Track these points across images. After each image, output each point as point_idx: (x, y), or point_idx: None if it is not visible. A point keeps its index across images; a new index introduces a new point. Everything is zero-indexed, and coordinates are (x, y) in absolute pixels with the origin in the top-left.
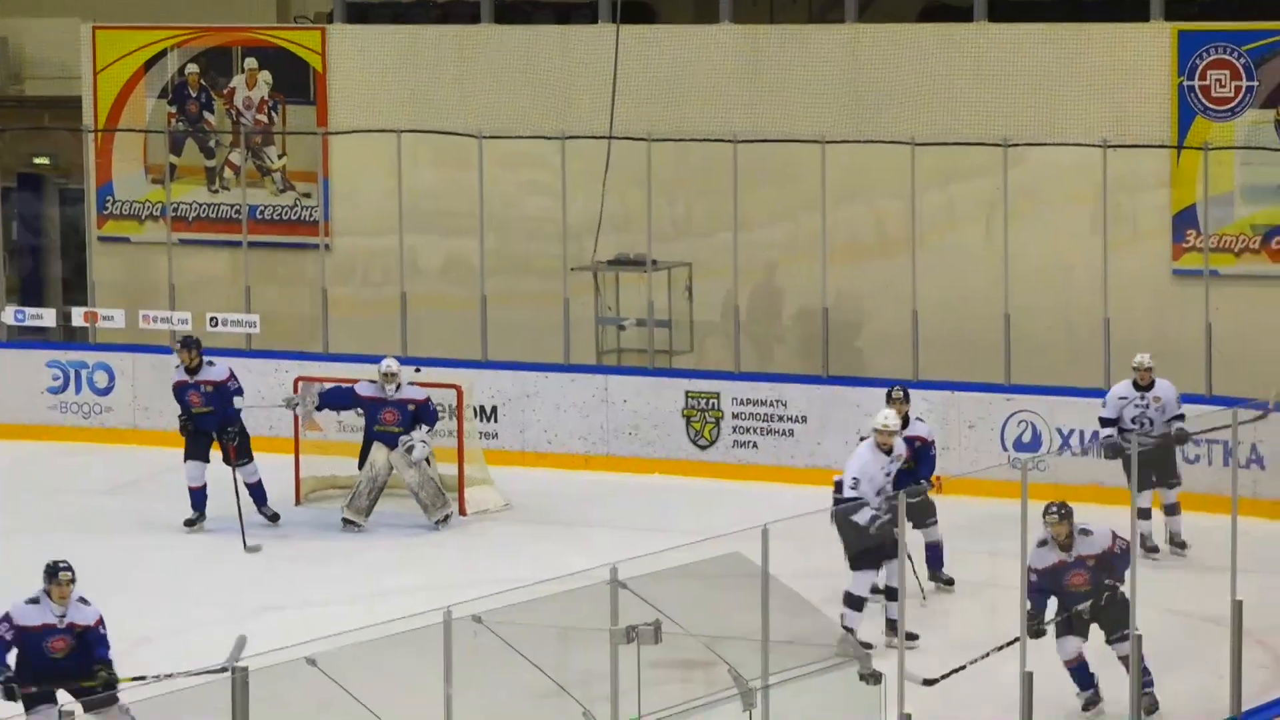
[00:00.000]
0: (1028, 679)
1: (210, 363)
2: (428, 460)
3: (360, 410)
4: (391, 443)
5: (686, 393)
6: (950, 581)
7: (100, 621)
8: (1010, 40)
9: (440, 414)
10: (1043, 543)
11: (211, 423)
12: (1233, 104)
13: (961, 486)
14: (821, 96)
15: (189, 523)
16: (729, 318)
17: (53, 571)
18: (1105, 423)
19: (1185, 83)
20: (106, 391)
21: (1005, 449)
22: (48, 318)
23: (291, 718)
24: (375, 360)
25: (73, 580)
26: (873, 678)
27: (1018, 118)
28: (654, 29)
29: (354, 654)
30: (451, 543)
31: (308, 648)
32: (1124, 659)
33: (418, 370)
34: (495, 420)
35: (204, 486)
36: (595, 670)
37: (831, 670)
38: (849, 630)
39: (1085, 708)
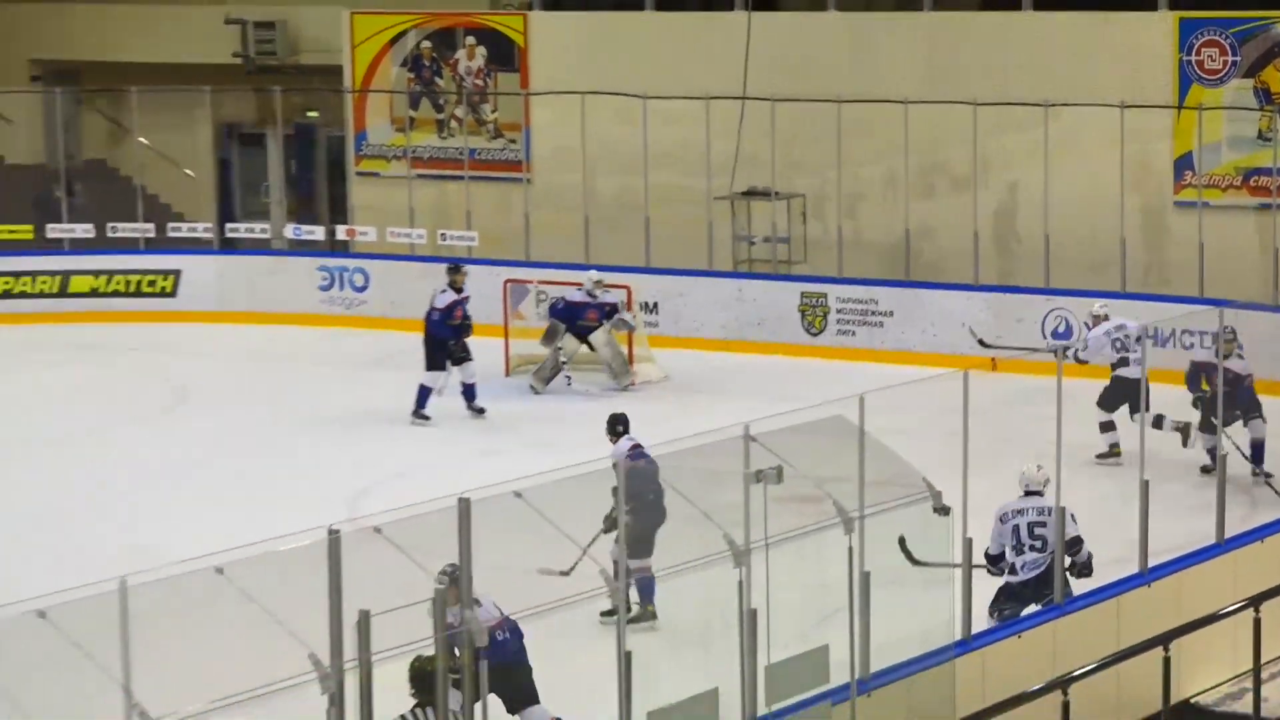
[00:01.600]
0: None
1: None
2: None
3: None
4: (586, 333)
5: (801, 293)
6: (1270, 475)
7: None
8: (1052, 24)
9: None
10: None
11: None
12: (1221, 74)
13: (1012, 366)
14: (905, 67)
15: (426, 418)
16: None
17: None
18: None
19: (1184, 58)
20: (363, 289)
21: (1045, 337)
22: (318, 233)
23: (504, 538)
24: (567, 267)
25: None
26: (943, 510)
27: (1056, 84)
28: (777, 15)
29: (551, 489)
30: (623, 405)
31: (515, 484)
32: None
33: (599, 275)
34: (657, 313)
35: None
36: (732, 503)
37: (912, 504)
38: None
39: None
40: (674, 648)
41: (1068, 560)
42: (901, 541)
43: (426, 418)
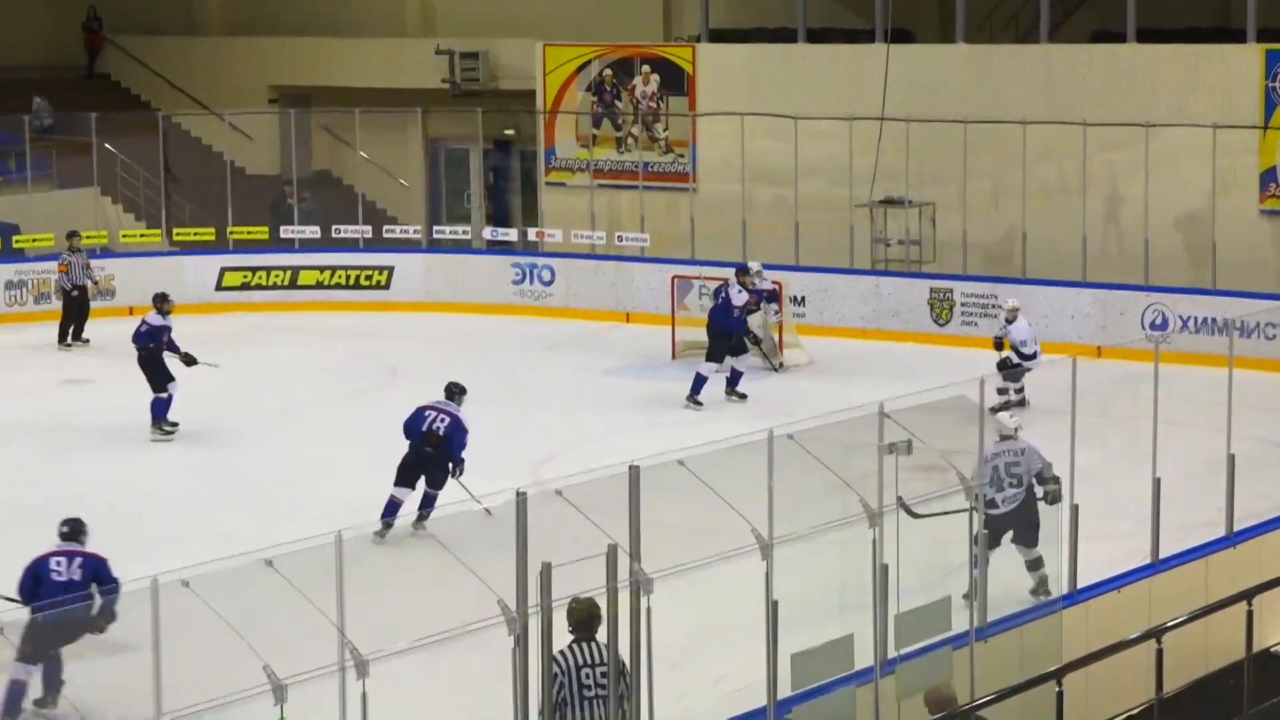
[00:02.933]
0: None
1: None
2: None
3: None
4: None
5: (930, 289)
6: None
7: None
8: (1152, 55)
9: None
10: None
11: None
12: None
13: (1115, 354)
14: (1023, 92)
15: (742, 396)
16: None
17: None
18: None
19: (1270, 84)
20: (550, 283)
21: (1144, 329)
22: (512, 235)
23: (668, 501)
24: (727, 265)
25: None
26: (1054, 480)
27: (1156, 107)
28: (912, 47)
29: (710, 458)
30: (774, 385)
31: (679, 453)
32: None
33: (758, 265)
34: (804, 305)
35: None
36: (867, 470)
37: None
38: None
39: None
40: (815, 598)
41: (1040, 490)
42: (899, 500)
43: (699, 402)
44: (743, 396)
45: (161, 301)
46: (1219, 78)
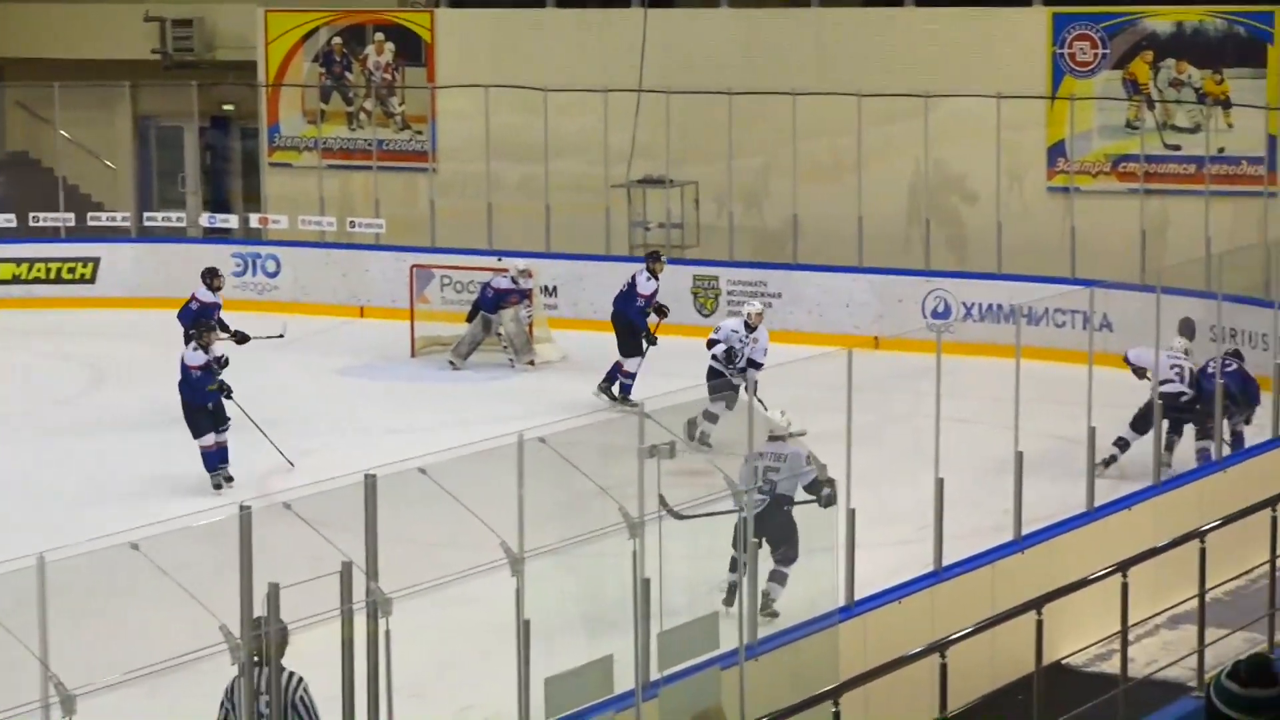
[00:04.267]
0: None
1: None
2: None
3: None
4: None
5: (694, 276)
6: None
7: None
8: (932, 20)
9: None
10: None
11: None
12: (1092, 66)
13: (894, 345)
14: (794, 60)
15: (633, 404)
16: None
17: None
18: (713, 344)
19: (1057, 51)
20: (275, 275)
21: (925, 317)
22: (232, 221)
23: (408, 513)
24: (471, 252)
25: None
26: (828, 501)
27: (936, 76)
28: (672, 11)
29: (454, 466)
30: (523, 383)
31: (420, 460)
32: None
33: (500, 259)
34: (556, 295)
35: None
36: (627, 477)
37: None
38: None
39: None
40: (571, 616)
41: (808, 495)
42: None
43: (633, 404)
44: (634, 405)
45: (211, 276)
46: (1004, 44)
